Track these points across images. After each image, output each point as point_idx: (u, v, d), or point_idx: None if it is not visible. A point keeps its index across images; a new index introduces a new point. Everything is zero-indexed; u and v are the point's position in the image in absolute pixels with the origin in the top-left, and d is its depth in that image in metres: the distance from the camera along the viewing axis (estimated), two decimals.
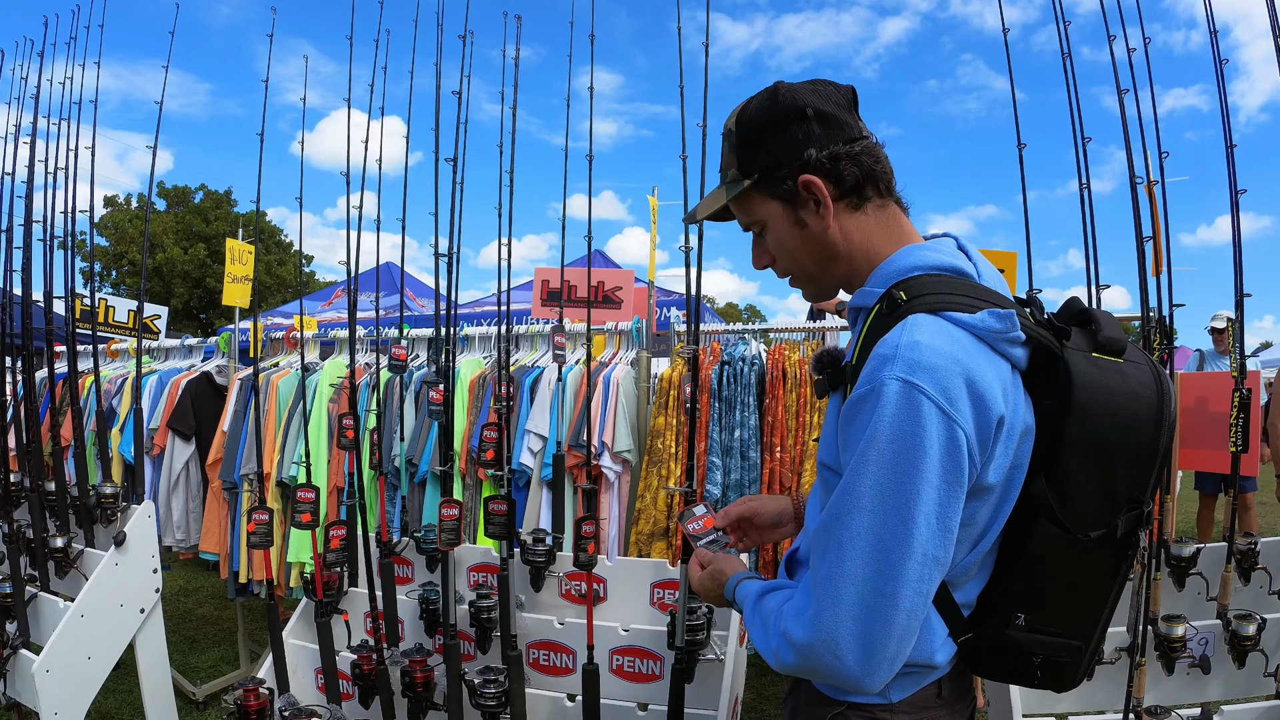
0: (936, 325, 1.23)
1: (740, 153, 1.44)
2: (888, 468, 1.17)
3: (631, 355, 4.08)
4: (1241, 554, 2.87)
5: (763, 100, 1.43)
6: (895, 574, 1.16)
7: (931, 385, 1.16)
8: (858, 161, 1.37)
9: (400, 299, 3.79)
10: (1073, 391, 1.23)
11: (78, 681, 3.12)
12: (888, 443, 1.17)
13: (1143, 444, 1.26)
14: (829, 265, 1.44)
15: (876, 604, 1.17)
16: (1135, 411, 1.25)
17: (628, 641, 2.79)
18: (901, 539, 1.16)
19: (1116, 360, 1.28)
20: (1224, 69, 2.87)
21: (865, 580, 1.18)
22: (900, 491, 1.16)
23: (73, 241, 3.88)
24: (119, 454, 4.91)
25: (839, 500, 1.22)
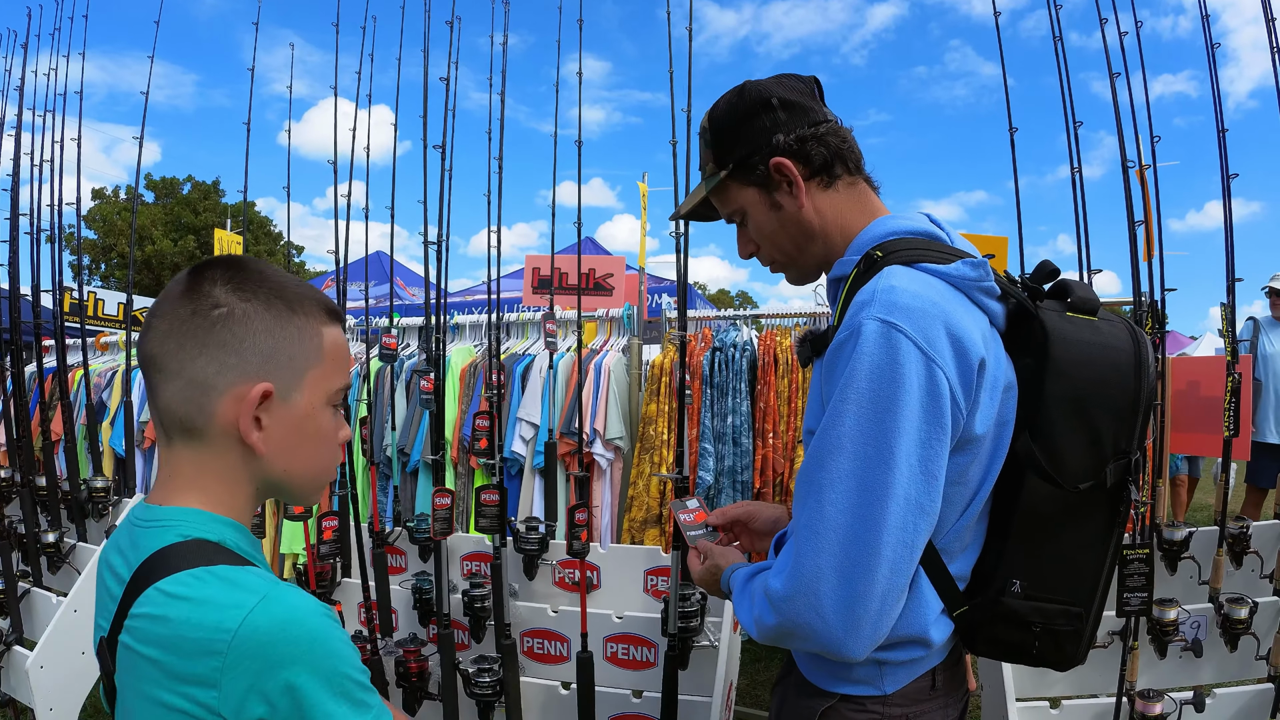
0: (912, 274, 1.25)
1: (715, 147, 1.51)
2: (866, 406, 1.17)
3: (623, 342, 4.08)
4: (1233, 538, 2.88)
5: (731, 97, 1.50)
6: (878, 517, 1.16)
7: (909, 325, 1.17)
8: (824, 142, 1.43)
9: (390, 288, 3.78)
10: (1049, 346, 1.25)
11: (72, 677, 3.10)
12: (866, 381, 1.18)
13: (1124, 394, 1.28)
14: (807, 245, 1.48)
15: (859, 552, 1.16)
16: (1114, 362, 1.28)
17: (621, 629, 2.79)
18: (883, 479, 1.16)
19: (1090, 318, 1.30)
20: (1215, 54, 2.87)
21: (847, 526, 1.17)
22: (880, 430, 1.16)
23: (60, 235, 3.86)
24: (110, 448, 4.89)
25: (817, 444, 1.22)
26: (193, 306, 1.04)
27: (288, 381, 1.07)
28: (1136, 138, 2.80)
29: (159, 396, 1.06)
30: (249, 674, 0.91)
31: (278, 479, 1.10)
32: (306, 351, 1.09)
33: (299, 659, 0.93)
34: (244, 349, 1.04)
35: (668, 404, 3.74)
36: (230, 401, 1.03)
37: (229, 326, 1.03)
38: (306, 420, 1.10)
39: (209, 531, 1.03)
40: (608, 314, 4.15)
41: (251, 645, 0.92)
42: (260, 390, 1.04)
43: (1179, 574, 2.85)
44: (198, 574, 0.96)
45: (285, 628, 0.93)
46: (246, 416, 1.04)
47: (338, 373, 1.15)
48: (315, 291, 1.16)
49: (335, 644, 0.97)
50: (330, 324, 1.15)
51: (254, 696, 0.92)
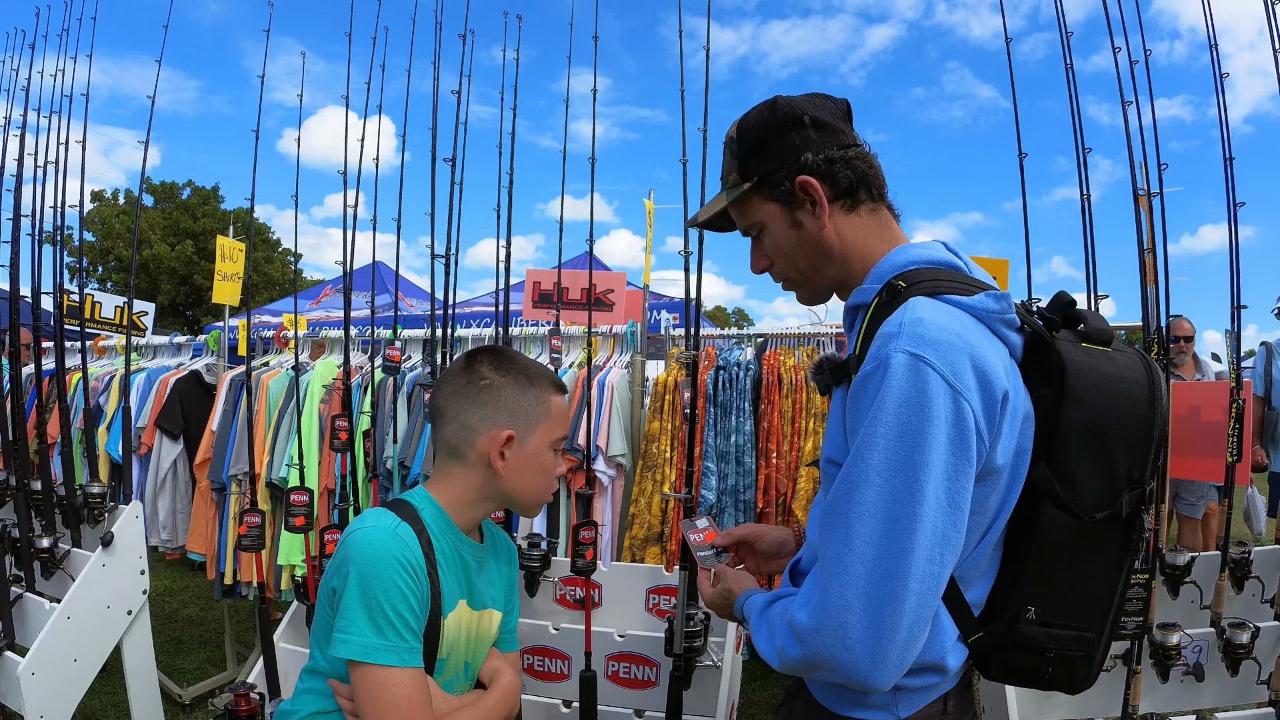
0: (937, 305, 1.26)
1: (741, 158, 1.51)
2: (894, 439, 1.18)
3: (625, 359, 4.06)
4: (1235, 563, 2.89)
5: (762, 110, 1.51)
6: (906, 551, 1.16)
7: (937, 358, 1.18)
8: (851, 166, 1.44)
9: (395, 300, 3.77)
10: (1067, 377, 1.26)
11: (64, 684, 3.08)
12: (894, 415, 1.18)
13: (1138, 424, 1.29)
14: (823, 266, 1.49)
15: (887, 585, 1.16)
16: (1129, 394, 1.29)
17: (624, 648, 2.78)
18: (911, 513, 1.16)
19: (1105, 349, 1.32)
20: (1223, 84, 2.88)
21: (875, 559, 1.17)
22: (909, 463, 1.17)
23: (60, 237, 3.84)
24: (106, 453, 4.86)
25: (846, 477, 1.22)
26: (468, 377, 1.67)
27: (524, 430, 1.66)
28: (1144, 165, 2.81)
29: (439, 432, 1.69)
30: (340, 558, 1.51)
31: (509, 494, 1.69)
32: (539, 412, 1.68)
33: (358, 565, 1.47)
34: (500, 406, 1.65)
35: (671, 421, 3.73)
36: (486, 440, 1.64)
37: (490, 391, 1.65)
38: (534, 458, 1.68)
39: (417, 501, 1.64)
40: (610, 330, 4.14)
41: (349, 543, 1.52)
42: (506, 434, 1.64)
43: (1181, 598, 2.85)
44: (378, 509, 1.60)
45: (367, 545, 1.49)
46: (496, 450, 1.64)
47: (560, 427, 1.74)
48: (548, 371, 1.76)
49: (388, 578, 1.47)
50: (557, 394, 1.74)
51: (335, 573, 1.53)
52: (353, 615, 1.45)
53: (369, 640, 1.45)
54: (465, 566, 1.68)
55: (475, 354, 1.69)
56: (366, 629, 1.45)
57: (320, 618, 1.60)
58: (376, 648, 1.45)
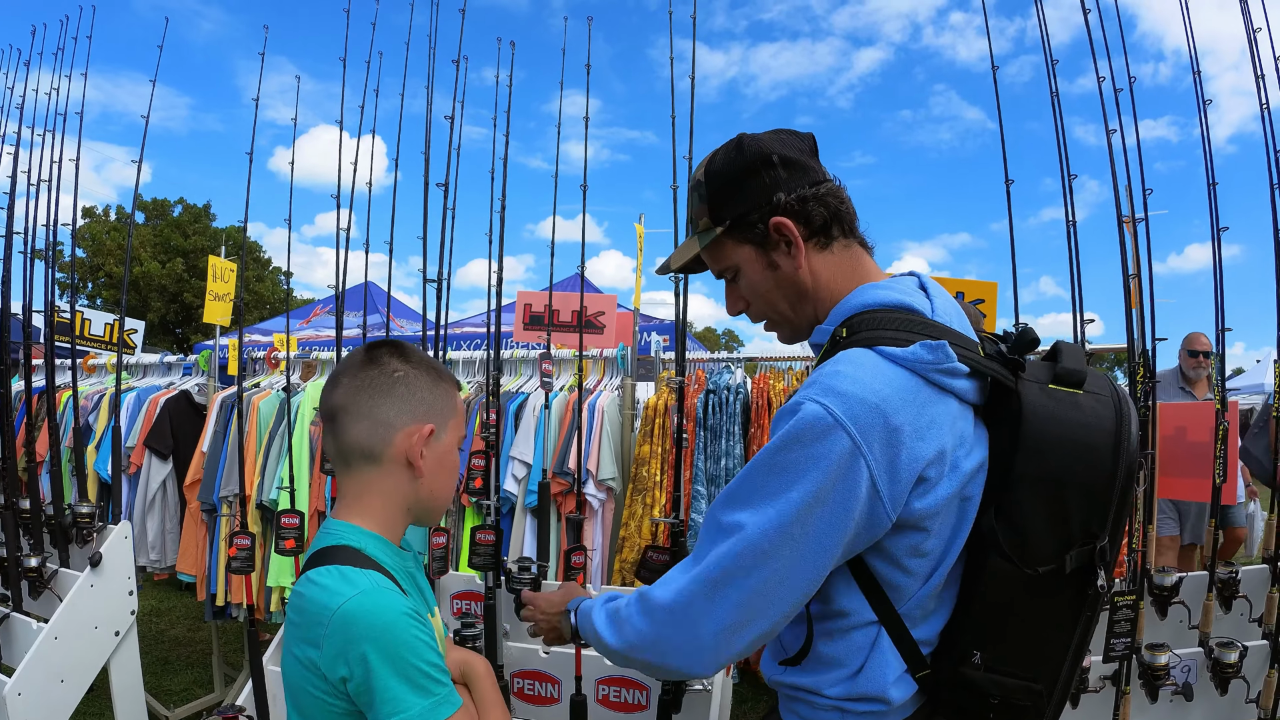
0: (865, 358, 1.27)
1: (711, 201, 1.49)
2: (764, 469, 1.25)
3: (616, 382, 4.07)
4: (1223, 583, 2.91)
5: (729, 151, 1.48)
6: (721, 570, 1.26)
7: (842, 410, 1.20)
8: (824, 203, 1.43)
9: (386, 322, 3.78)
10: (1023, 425, 1.25)
11: (50, 705, 3.06)
12: (779, 444, 1.24)
13: (1098, 476, 1.26)
14: (800, 304, 1.48)
15: (714, 601, 1.27)
16: (1089, 443, 1.26)
17: (614, 671, 2.77)
18: (752, 538, 1.24)
19: (1074, 391, 1.29)
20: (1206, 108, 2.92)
21: (713, 567, 1.27)
22: (768, 493, 1.24)
23: (52, 253, 3.84)
24: (95, 472, 4.84)
25: (729, 490, 1.31)
26: (377, 369, 1.49)
27: (440, 425, 1.51)
28: (1129, 189, 2.84)
29: (347, 433, 1.47)
30: (339, 642, 1.30)
31: (424, 498, 1.53)
32: (449, 407, 1.54)
33: (374, 640, 1.29)
34: (415, 399, 1.48)
35: (661, 445, 3.74)
36: (404, 436, 1.46)
37: (405, 383, 1.48)
38: (446, 455, 1.54)
39: (354, 540, 1.43)
40: (601, 353, 4.15)
41: (343, 622, 1.30)
42: (428, 429, 1.48)
43: (1169, 618, 2.87)
44: (330, 569, 1.36)
45: (369, 614, 1.31)
46: (417, 446, 1.47)
47: (463, 424, 1.61)
48: (448, 369, 1.65)
49: (408, 636, 1.32)
50: (458, 390, 1.60)
51: (340, 660, 1.30)
52: (395, 693, 1.31)
53: (420, 706, 1.33)
54: (415, 580, 1.57)
55: (375, 346, 1.54)
56: (414, 698, 1.32)
57: (308, 701, 1.40)
58: (430, 709, 1.34)
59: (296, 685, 1.39)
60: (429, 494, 1.53)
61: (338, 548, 1.42)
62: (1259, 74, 2.97)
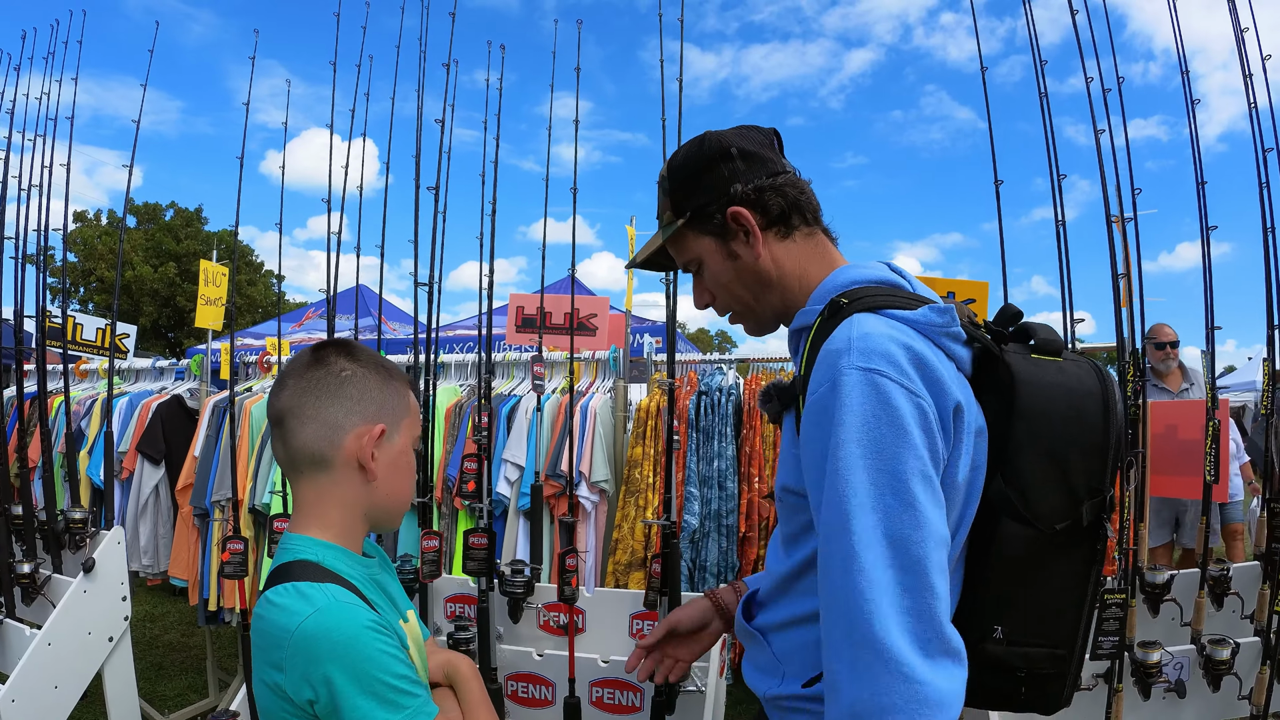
0: (881, 320, 1.25)
1: (673, 195, 1.51)
2: (872, 457, 1.15)
3: (608, 384, 4.07)
4: (1214, 580, 2.92)
5: (691, 147, 1.52)
6: (921, 563, 1.11)
7: (891, 368, 1.17)
8: (782, 193, 1.44)
9: (378, 325, 3.77)
10: (1017, 389, 1.25)
11: (44, 712, 3.05)
12: (863, 431, 1.15)
13: (1092, 433, 1.28)
14: (763, 294, 1.48)
15: (916, 604, 1.10)
16: (1080, 404, 1.28)
17: (608, 673, 2.77)
18: (913, 523, 1.12)
19: (1055, 359, 1.31)
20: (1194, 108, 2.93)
21: (894, 583, 1.10)
22: (894, 477, 1.14)
23: (43, 258, 3.83)
24: (87, 477, 4.83)
25: (830, 512, 1.16)
26: (324, 370, 1.41)
27: (392, 425, 1.44)
28: (1118, 189, 2.85)
29: (295, 437, 1.40)
30: (301, 664, 1.23)
31: (380, 502, 1.45)
32: (401, 406, 1.46)
33: (336, 658, 1.23)
34: (365, 399, 1.41)
35: (653, 447, 3.74)
36: (354, 438, 1.39)
37: (354, 383, 1.41)
38: (401, 456, 1.47)
39: (311, 554, 1.37)
40: (594, 356, 4.15)
41: (303, 642, 1.23)
42: (379, 429, 1.41)
43: (1161, 616, 2.88)
44: (287, 587, 1.30)
45: (329, 632, 1.24)
46: (368, 448, 1.40)
47: (417, 424, 1.53)
48: (399, 367, 1.55)
49: (371, 651, 1.25)
50: (410, 389, 1.53)
51: (304, 683, 1.23)
52: (363, 711, 1.24)
53: (407, 693, 1.28)
54: (383, 588, 1.51)
55: (321, 346, 1.47)
56: (384, 714, 1.25)
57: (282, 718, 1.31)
58: (425, 702, 1.31)
59: (268, 710, 1.32)
60: (385, 497, 1.46)
61: (294, 564, 1.35)
62: (1246, 73, 2.99)
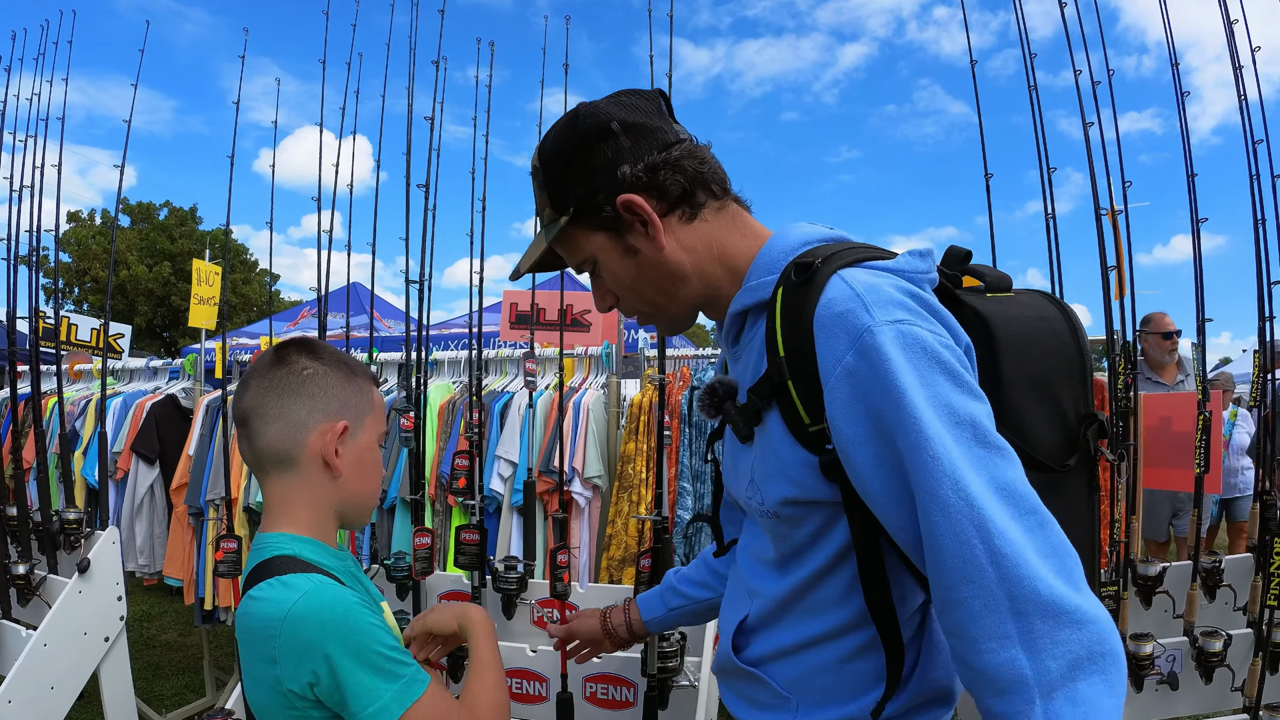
0: (869, 272, 1.12)
1: (550, 189, 1.28)
2: (945, 414, 1.00)
3: (601, 380, 4.07)
4: (1206, 572, 2.92)
5: (562, 127, 1.28)
6: (1031, 499, 1.00)
7: (914, 316, 1.06)
8: (679, 168, 1.22)
9: (370, 322, 3.77)
10: (993, 330, 1.17)
11: (41, 713, 3.05)
12: (927, 390, 1.01)
13: (1070, 360, 1.22)
14: (676, 288, 1.28)
15: (1051, 542, 0.98)
16: (1052, 332, 1.22)
17: (601, 669, 2.77)
18: (1008, 463, 1.01)
19: (1008, 294, 1.25)
20: (1184, 100, 2.93)
21: (1028, 533, 0.97)
22: (974, 426, 1.01)
23: (36, 258, 3.83)
24: (82, 477, 4.83)
25: (937, 486, 0.98)
26: (286, 369, 1.41)
27: (355, 422, 1.44)
28: (1109, 182, 2.85)
29: (260, 437, 1.40)
30: (296, 648, 1.23)
31: (348, 499, 1.46)
32: (365, 402, 1.47)
33: (332, 636, 1.24)
34: (327, 396, 1.42)
35: (646, 443, 3.74)
36: (317, 435, 1.40)
37: (315, 381, 1.42)
38: (366, 452, 1.47)
39: (288, 549, 1.36)
40: (586, 351, 4.15)
41: (295, 626, 1.24)
42: (341, 426, 1.41)
43: (1154, 608, 2.88)
44: (270, 582, 1.30)
45: (320, 611, 1.25)
46: (331, 445, 1.40)
47: (382, 420, 1.53)
48: (363, 363, 1.56)
49: (363, 624, 1.27)
50: (374, 386, 1.53)
51: (302, 666, 1.24)
52: (364, 684, 1.25)
53: (391, 692, 1.27)
54: (359, 580, 1.53)
55: (284, 346, 1.47)
56: (381, 684, 1.26)
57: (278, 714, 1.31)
58: (401, 692, 1.28)
59: (266, 710, 1.31)
60: (352, 494, 1.46)
61: (271, 560, 1.34)
62: (1237, 66, 2.99)
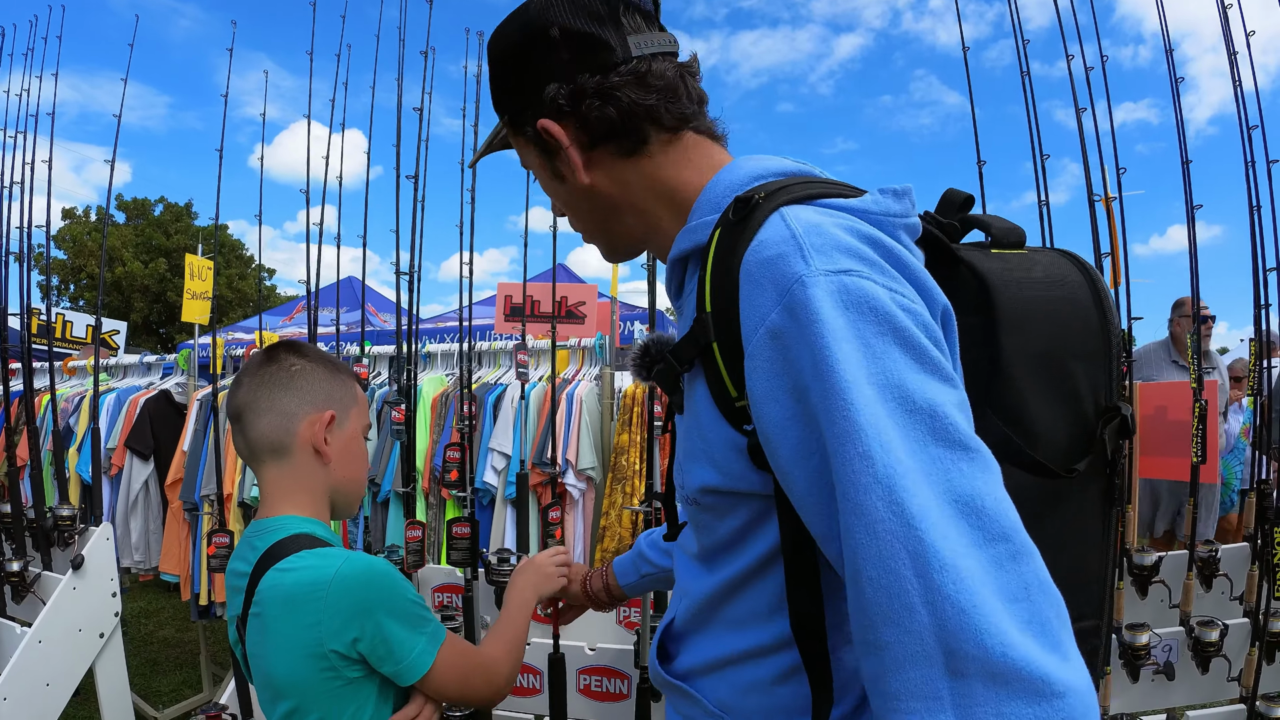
0: (819, 210, 0.89)
1: (492, 85, 1.14)
2: (893, 396, 0.76)
3: (595, 371, 4.06)
4: (1203, 561, 2.91)
5: (509, 21, 1.09)
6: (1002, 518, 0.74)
7: (866, 266, 0.82)
8: (611, 99, 1.02)
9: (362, 315, 3.76)
10: (993, 295, 0.96)
11: (36, 710, 3.05)
12: (869, 362, 0.77)
13: (1092, 335, 1.01)
14: (611, 221, 1.14)
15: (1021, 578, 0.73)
16: (1071, 298, 1.01)
17: (594, 661, 2.77)
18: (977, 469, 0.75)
19: (1021, 252, 1.03)
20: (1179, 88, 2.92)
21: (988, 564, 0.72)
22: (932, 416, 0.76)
23: (28, 255, 3.81)
24: (76, 474, 4.82)
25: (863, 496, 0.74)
26: (275, 366, 1.55)
27: (341, 413, 1.57)
28: (1103, 169, 2.84)
29: (253, 429, 1.52)
30: (344, 606, 1.36)
31: (338, 485, 1.58)
32: (349, 395, 1.60)
33: (377, 596, 1.38)
34: (314, 390, 1.55)
35: (640, 434, 3.73)
36: (307, 425, 1.52)
37: (303, 376, 1.55)
38: (352, 441, 1.60)
39: (300, 528, 1.47)
40: (580, 343, 4.14)
41: (343, 588, 1.36)
42: (328, 415, 1.54)
43: (1150, 598, 2.88)
44: (301, 554, 1.41)
45: (363, 574, 1.38)
46: (320, 433, 1.53)
47: (366, 414, 1.66)
48: (347, 364, 1.71)
49: (398, 584, 1.43)
50: (357, 383, 1.66)
51: (350, 625, 1.36)
52: (401, 637, 1.40)
53: (423, 640, 1.43)
54: None
55: (273, 347, 1.60)
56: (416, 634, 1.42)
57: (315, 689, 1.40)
58: (431, 639, 1.44)
59: (298, 679, 1.39)
60: (341, 480, 1.58)
61: (291, 538, 1.44)
62: (1231, 51, 2.98)
